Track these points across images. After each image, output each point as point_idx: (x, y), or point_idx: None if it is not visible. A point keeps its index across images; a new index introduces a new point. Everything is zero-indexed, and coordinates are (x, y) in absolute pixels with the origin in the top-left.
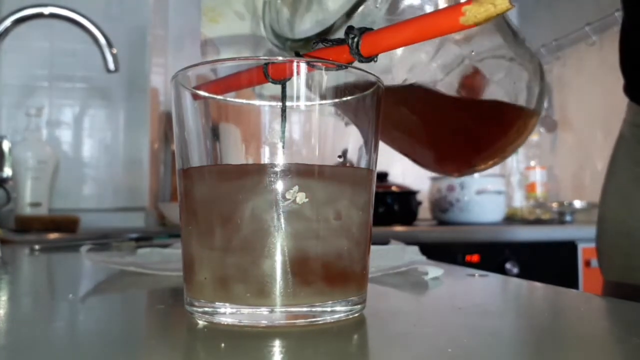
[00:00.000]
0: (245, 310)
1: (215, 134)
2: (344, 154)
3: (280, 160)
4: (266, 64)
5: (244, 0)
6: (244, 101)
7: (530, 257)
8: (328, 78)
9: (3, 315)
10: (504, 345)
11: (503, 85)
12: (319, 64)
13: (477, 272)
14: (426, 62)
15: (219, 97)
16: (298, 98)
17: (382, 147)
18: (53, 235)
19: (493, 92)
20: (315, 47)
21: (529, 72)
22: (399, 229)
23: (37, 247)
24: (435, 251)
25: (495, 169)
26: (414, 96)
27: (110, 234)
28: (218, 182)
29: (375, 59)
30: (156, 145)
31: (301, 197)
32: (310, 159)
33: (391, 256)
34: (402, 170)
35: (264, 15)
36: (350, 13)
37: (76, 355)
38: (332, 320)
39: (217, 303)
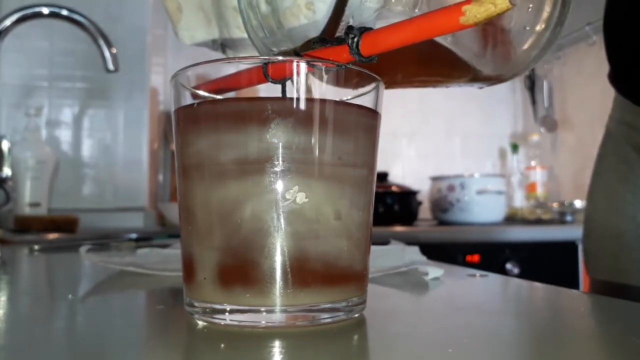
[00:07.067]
0: (245, 310)
1: None
2: None
3: (280, 160)
4: (266, 64)
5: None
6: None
7: (530, 257)
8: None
9: (3, 315)
10: (504, 346)
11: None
12: (319, 63)
13: (477, 273)
14: None
15: (218, 96)
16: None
17: (382, 147)
18: (52, 236)
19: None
20: (315, 46)
21: None
22: (399, 229)
23: (36, 247)
24: (436, 251)
25: (496, 169)
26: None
27: (109, 234)
28: (218, 182)
29: (376, 59)
30: (156, 145)
31: (301, 197)
32: (311, 159)
33: (391, 256)
34: (402, 170)
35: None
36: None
37: (76, 356)
38: (332, 321)
39: (216, 303)
